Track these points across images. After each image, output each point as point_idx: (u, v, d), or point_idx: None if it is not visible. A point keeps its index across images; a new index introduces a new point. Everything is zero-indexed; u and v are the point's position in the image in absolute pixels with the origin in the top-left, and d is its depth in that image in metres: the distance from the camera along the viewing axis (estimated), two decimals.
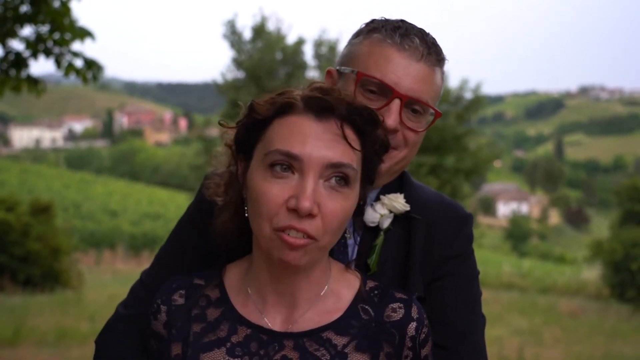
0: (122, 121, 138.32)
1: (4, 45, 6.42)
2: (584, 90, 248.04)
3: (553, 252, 51.50)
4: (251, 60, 23.41)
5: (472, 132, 23.53)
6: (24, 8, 6.24)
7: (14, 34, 6.35)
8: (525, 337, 11.33)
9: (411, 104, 1.46)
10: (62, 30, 6.28)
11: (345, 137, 1.23)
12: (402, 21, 1.52)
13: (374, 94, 1.46)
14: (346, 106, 1.24)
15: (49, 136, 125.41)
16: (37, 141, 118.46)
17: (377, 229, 1.52)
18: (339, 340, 1.29)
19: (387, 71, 1.44)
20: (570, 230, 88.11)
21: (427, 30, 1.52)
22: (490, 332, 11.33)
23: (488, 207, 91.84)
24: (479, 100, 23.42)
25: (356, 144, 1.25)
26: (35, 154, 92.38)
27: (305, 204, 1.16)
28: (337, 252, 1.48)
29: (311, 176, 1.19)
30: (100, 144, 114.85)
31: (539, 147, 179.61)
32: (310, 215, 1.19)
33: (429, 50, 1.47)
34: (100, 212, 35.96)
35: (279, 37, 24.28)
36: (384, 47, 1.46)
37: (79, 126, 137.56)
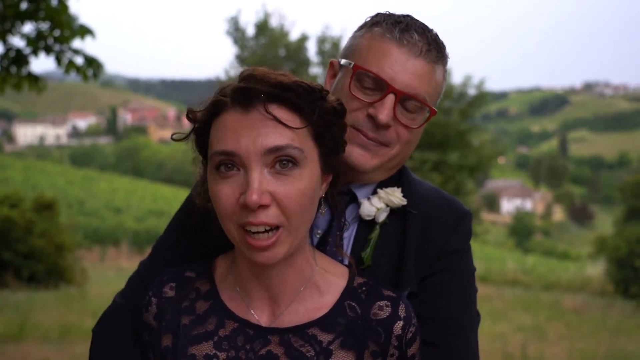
0: (126, 118, 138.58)
1: (5, 42, 6.42)
2: (588, 87, 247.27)
3: (557, 248, 51.41)
4: (254, 57, 23.42)
5: (475, 129, 23.54)
6: (24, 5, 6.23)
7: (14, 31, 6.36)
8: (529, 333, 11.31)
9: (406, 100, 1.44)
10: (62, 27, 6.28)
11: (276, 119, 1.20)
12: (405, 16, 1.50)
13: (370, 89, 1.44)
14: (271, 87, 1.21)
15: (53, 133, 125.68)
16: (41, 138, 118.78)
17: (373, 222, 1.50)
18: (324, 337, 1.28)
19: (384, 65, 1.42)
20: (575, 226, 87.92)
21: (430, 27, 1.51)
22: (494, 329, 11.34)
23: (492, 203, 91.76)
24: (483, 97, 23.43)
25: (293, 122, 1.21)
26: (39, 151, 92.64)
27: (252, 197, 1.15)
28: (333, 246, 1.47)
29: (254, 168, 1.18)
30: (104, 140, 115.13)
31: (543, 144, 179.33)
32: (263, 207, 1.18)
33: (429, 47, 1.45)
34: (104, 209, 36.01)
35: (282, 34, 24.29)
36: (383, 41, 1.45)
37: (82, 123, 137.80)
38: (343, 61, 1.52)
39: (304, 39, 24.43)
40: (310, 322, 1.29)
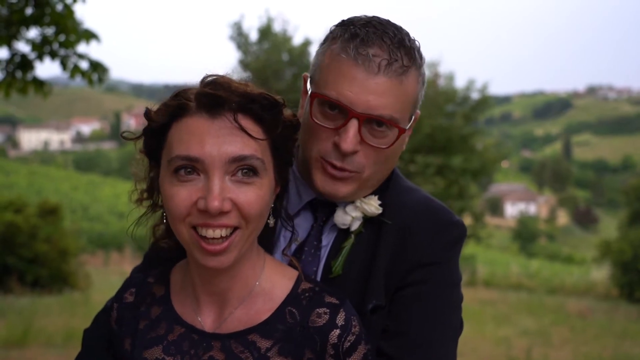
0: (130, 123, 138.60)
1: (10, 47, 6.46)
2: (591, 90, 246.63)
3: (561, 252, 51.24)
4: (257, 62, 23.43)
5: (479, 133, 23.49)
6: (29, 10, 6.27)
7: (19, 36, 6.40)
8: (533, 337, 11.28)
9: (371, 121, 1.36)
10: (67, 32, 6.31)
11: (242, 129, 1.20)
12: (367, 23, 1.38)
13: (334, 112, 1.37)
14: (239, 97, 1.21)
15: (57, 138, 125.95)
16: (46, 143, 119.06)
17: (348, 231, 1.46)
18: (263, 344, 1.27)
19: (343, 88, 1.33)
20: (579, 230, 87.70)
21: (398, 29, 1.38)
22: (498, 333, 11.32)
23: (496, 207, 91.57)
24: (486, 101, 23.38)
25: (257, 133, 1.22)
26: (44, 156, 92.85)
27: (214, 203, 1.16)
28: (308, 254, 1.46)
29: (216, 175, 1.18)
30: (108, 145, 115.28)
31: (547, 147, 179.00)
32: (223, 213, 1.18)
33: (390, 59, 1.33)
34: (108, 214, 36.08)
35: (285, 39, 24.30)
36: (339, 60, 1.36)
37: (87, 128, 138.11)
38: (308, 85, 1.45)
39: (307, 43, 24.43)
40: (251, 328, 1.29)
